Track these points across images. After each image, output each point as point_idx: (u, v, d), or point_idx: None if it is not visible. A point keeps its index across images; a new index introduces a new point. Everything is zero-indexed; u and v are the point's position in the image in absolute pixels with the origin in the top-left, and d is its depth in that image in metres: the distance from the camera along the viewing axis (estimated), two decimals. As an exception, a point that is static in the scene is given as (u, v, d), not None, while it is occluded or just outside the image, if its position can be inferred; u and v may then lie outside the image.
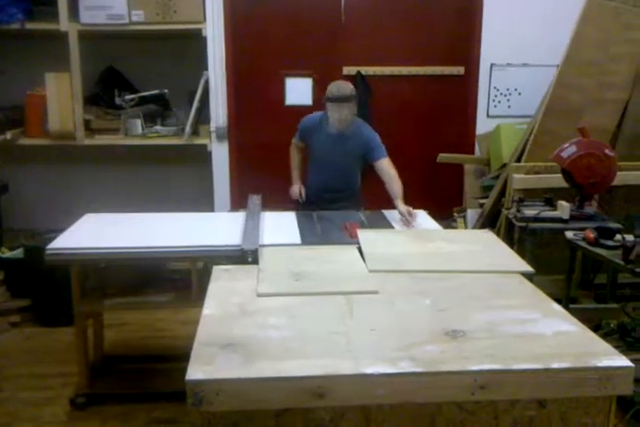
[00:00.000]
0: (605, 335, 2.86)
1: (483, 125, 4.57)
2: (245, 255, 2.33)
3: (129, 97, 4.37)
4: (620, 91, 3.99)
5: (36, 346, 3.53)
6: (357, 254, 2.39)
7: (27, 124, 4.38)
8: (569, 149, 3.30)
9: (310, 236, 2.70)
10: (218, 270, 2.23)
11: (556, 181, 3.53)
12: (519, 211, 3.39)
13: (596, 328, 2.98)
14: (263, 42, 4.51)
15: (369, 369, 1.46)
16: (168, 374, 2.91)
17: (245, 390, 1.43)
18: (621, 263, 2.73)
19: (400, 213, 3.07)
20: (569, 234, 3.12)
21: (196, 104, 4.25)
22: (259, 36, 4.50)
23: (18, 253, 3.93)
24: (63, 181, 4.73)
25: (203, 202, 4.46)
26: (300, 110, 3.86)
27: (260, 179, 4.44)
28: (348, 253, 2.41)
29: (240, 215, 3.02)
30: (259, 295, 1.97)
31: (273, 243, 2.55)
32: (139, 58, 4.49)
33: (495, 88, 4.54)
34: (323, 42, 4.51)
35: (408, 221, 3.00)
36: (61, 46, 4.08)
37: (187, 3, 4.10)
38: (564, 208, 3.28)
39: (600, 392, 1.51)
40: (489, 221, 4.17)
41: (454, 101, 4.64)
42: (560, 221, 3.28)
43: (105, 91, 4.46)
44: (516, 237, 3.57)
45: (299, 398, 1.44)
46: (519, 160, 4.01)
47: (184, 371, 1.46)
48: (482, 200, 4.32)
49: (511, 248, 2.61)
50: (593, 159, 3.26)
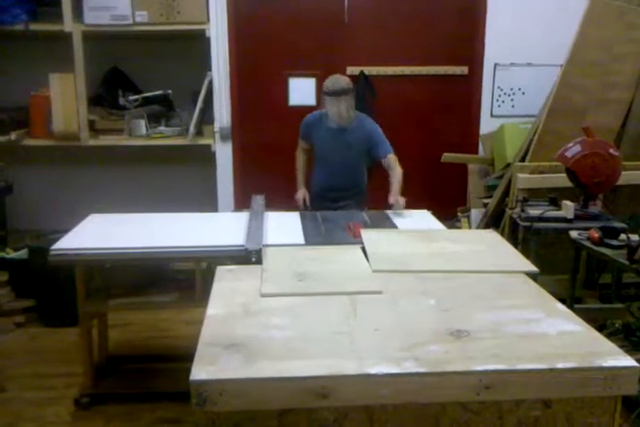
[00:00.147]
0: (610, 335, 2.85)
1: (486, 125, 4.57)
2: (249, 255, 2.33)
3: (133, 97, 4.37)
4: (624, 90, 3.98)
5: (40, 346, 3.54)
6: (361, 254, 2.39)
7: (31, 125, 4.39)
8: (573, 149, 3.29)
9: (314, 236, 2.70)
10: (221, 271, 2.22)
11: (561, 180, 3.52)
12: (523, 211, 3.38)
13: (600, 328, 2.97)
14: (267, 42, 4.51)
15: (373, 369, 1.46)
16: (172, 374, 2.91)
17: (249, 391, 1.43)
18: (626, 263, 2.73)
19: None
20: (573, 234, 3.11)
21: (199, 104, 4.25)
22: (262, 37, 4.50)
23: (22, 254, 3.94)
24: (67, 181, 4.74)
25: (206, 202, 4.47)
26: (304, 110, 3.85)
27: (264, 179, 4.44)
28: (351, 254, 2.41)
29: (244, 215, 3.02)
30: (262, 295, 1.97)
31: (276, 243, 2.54)
32: (142, 58, 4.50)
33: (499, 88, 4.53)
34: (326, 42, 4.51)
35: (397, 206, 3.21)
36: (65, 47, 4.09)
37: (190, 3, 4.10)
38: (568, 208, 3.27)
39: (605, 392, 1.50)
40: (493, 220, 4.16)
41: (458, 101, 4.63)
42: (564, 220, 3.27)
43: (109, 91, 4.47)
44: (520, 236, 3.56)
45: (302, 399, 1.44)
46: (523, 160, 4.01)
47: (188, 371, 1.45)
48: (486, 200, 4.31)
49: (515, 248, 2.61)
50: (597, 159, 3.26)
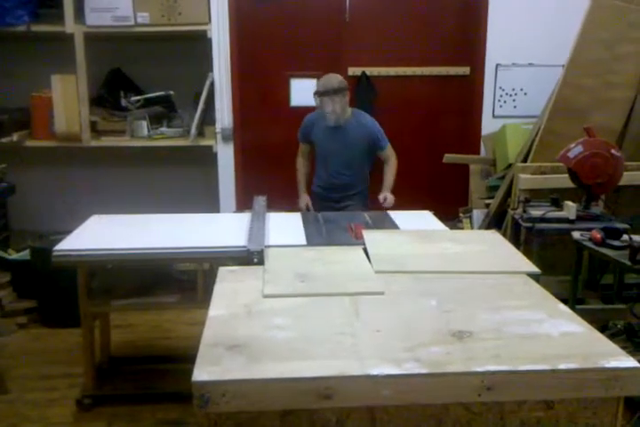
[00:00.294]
0: (612, 336, 2.85)
1: (488, 126, 4.57)
2: (251, 256, 2.33)
3: (134, 98, 4.38)
4: (627, 90, 3.97)
5: (42, 347, 3.54)
6: (363, 255, 2.39)
7: (33, 126, 4.39)
8: (575, 149, 3.29)
9: (316, 237, 2.70)
10: (223, 271, 2.22)
11: (563, 181, 3.52)
12: (525, 211, 3.38)
13: (602, 329, 2.97)
14: (268, 43, 4.51)
15: (374, 370, 1.46)
16: (174, 375, 2.92)
17: (251, 392, 1.43)
18: (628, 264, 2.72)
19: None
20: (575, 234, 3.11)
21: (201, 105, 4.25)
22: (264, 38, 4.50)
23: (25, 255, 3.94)
24: (69, 182, 4.74)
25: (208, 203, 4.47)
26: (305, 111, 3.85)
27: (266, 180, 4.45)
28: (353, 254, 2.41)
29: (245, 216, 3.02)
30: (264, 296, 1.97)
31: (278, 244, 2.54)
32: (144, 59, 4.50)
33: (501, 88, 4.53)
34: (327, 43, 4.51)
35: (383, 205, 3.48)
36: (67, 48, 4.09)
37: (192, 4, 4.11)
38: (570, 208, 3.27)
39: (607, 393, 1.50)
40: (495, 221, 4.16)
41: (460, 102, 4.63)
42: (566, 221, 3.27)
43: (110, 92, 4.48)
44: (522, 237, 3.55)
45: (304, 399, 1.44)
46: (525, 160, 4.00)
47: (190, 372, 1.45)
48: (488, 200, 4.31)
49: (517, 249, 2.60)
50: (599, 159, 3.25)
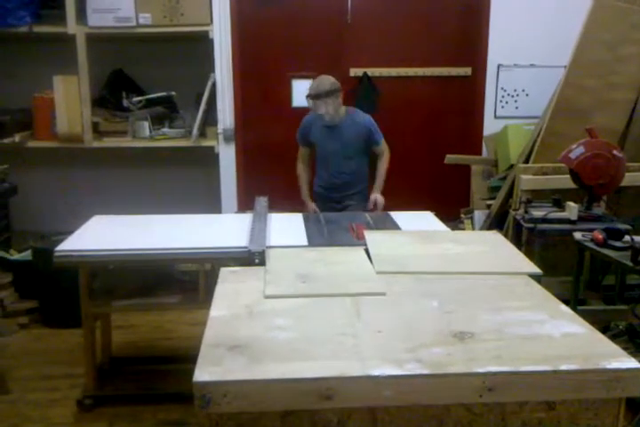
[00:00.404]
0: (614, 337, 2.84)
1: (490, 126, 4.57)
2: (252, 257, 2.33)
3: (136, 99, 4.38)
4: (629, 91, 3.97)
5: (43, 347, 3.54)
6: (364, 256, 2.39)
7: (35, 127, 4.40)
8: (577, 150, 3.29)
9: (317, 237, 2.70)
10: (225, 272, 2.22)
11: (564, 182, 3.52)
12: (527, 212, 3.38)
13: (604, 330, 2.97)
14: (270, 44, 4.52)
15: (376, 371, 1.46)
16: (176, 375, 2.91)
17: (252, 392, 1.43)
18: (630, 264, 2.72)
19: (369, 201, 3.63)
20: (577, 235, 3.10)
21: (203, 106, 4.26)
22: (265, 38, 4.51)
23: (26, 255, 3.95)
24: (71, 183, 4.75)
25: (210, 204, 4.47)
26: (307, 112, 3.85)
27: (267, 180, 4.45)
28: (354, 255, 2.41)
29: (247, 217, 3.02)
30: (266, 297, 1.97)
31: (280, 244, 2.54)
32: (146, 60, 4.51)
33: (502, 89, 4.53)
34: (329, 43, 4.52)
35: (372, 208, 3.58)
36: (69, 49, 4.10)
37: (194, 5, 4.11)
38: (572, 209, 3.27)
39: (609, 394, 1.50)
40: (496, 222, 4.16)
41: (461, 102, 4.63)
42: (568, 222, 3.27)
43: (112, 93, 4.48)
44: (523, 238, 3.55)
45: (306, 400, 1.44)
46: (527, 161, 4.00)
47: (191, 372, 1.45)
48: (489, 201, 4.31)
49: (519, 249, 2.60)
50: (601, 160, 3.25)
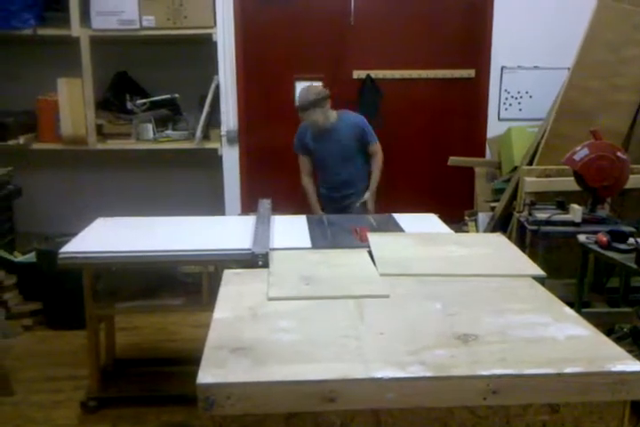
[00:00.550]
0: (618, 340, 2.83)
1: (494, 128, 4.56)
2: (256, 259, 2.33)
3: (140, 102, 4.40)
4: (633, 93, 3.96)
5: (47, 349, 3.55)
6: (368, 258, 2.39)
7: (39, 129, 4.41)
8: (581, 152, 3.28)
9: (320, 239, 2.69)
10: (228, 274, 2.22)
11: (568, 184, 3.51)
12: (531, 214, 3.37)
13: (608, 332, 2.96)
14: (273, 46, 4.52)
15: (379, 373, 1.46)
16: (179, 377, 2.92)
17: (256, 394, 1.43)
18: (634, 267, 2.72)
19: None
20: (581, 237, 3.10)
21: (206, 108, 4.27)
22: (268, 41, 4.51)
23: (30, 257, 3.96)
24: (75, 185, 4.76)
25: (213, 206, 4.48)
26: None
27: (271, 183, 4.45)
28: (358, 257, 2.40)
29: (250, 219, 3.02)
30: (269, 299, 1.96)
31: (283, 247, 2.54)
32: (150, 63, 4.52)
33: (506, 91, 4.52)
34: (332, 45, 4.52)
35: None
36: (73, 52, 4.11)
37: (197, 8, 4.12)
38: (576, 211, 3.26)
39: (613, 397, 1.49)
40: (500, 224, 4.15)
41: (465, 104, 4.63)
42: (572, 224, 3.26)
43: (116, 96, 4.50)
44: (527, 240, 3.55)
45: (309, 402, 1.44)
46: (531, 163, 4.00)
47: (195, 374, 1.45)
48: (493, 203, 4.30)
49: (523, 252, 2.59)
50: (605, 162, 3.24)
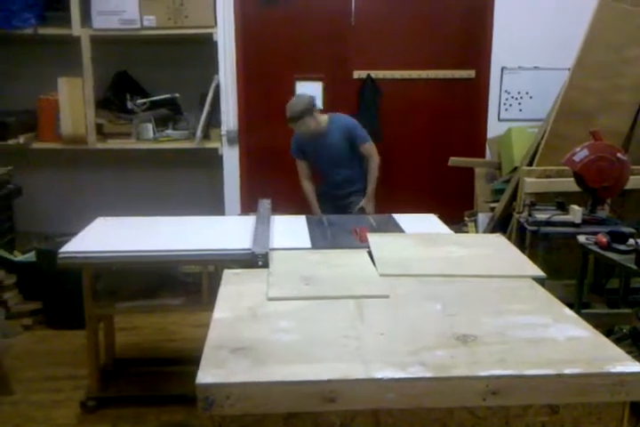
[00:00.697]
0: (618, 341, 2.84)
1: (494, 129, 4.56)
2: (256, 259, 2.34)
3: (140, 101, 4.40)
4: (634, 93, 3.96)
5: (47, 349, 3.55)
6: (368, 258, 2.39)
7: (39, 129, 4.41)
8: (581, 153, 3.28)
9: (320, 240, 2.69)
10: (228, 274, 2.23)
11: (568, 184, 3.51)
12: (531, 215, 3.37)
13: (608, 333, 2.96)
14: (273, 46, 4.52)
15: (379, 374, 1.46)
16: (179, 377, 2.92)
17: (255, 394, 1.43)
18: (634, 268, 2.71)
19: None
20: (581, 238, 3.09)
21: (206, 108, 4.27)
22: (269, 41, 4.51)
23: (30, 257, 3.96)
24: (75, 184, 4.76)
25: (213, 206, 4.48)
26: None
27: (271, 183, 4.45)
28: (358, 257, 2.40)
29: (250, 219, 3.02)
30: (269, 299, 1.96)
31: (283, 247, 2.54)
32: (150, 62, 4.52)
33: (506, 91, 4.52)
34: (333, 45, 4.52)
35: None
36: (74, 51, 4.11)
37: (198, 8, 4.12)
38: (576, 212, 3.26)
39: (613, 398, 1.49)
40: (500, 224, 4.15)
41: (465, 105, 4.63)
42: (572, 225, 3.26)
43: (117, 95, 4.50)
44: (527, 241, 3.55)
45: (309, 402, 1.44)
46: (531, 164, 3.99)
47: (195, 374, 1.45)
48: (493, 204, 4.30)
49: (522, 252, 2.59)
50: (605, 163, 3.24)
